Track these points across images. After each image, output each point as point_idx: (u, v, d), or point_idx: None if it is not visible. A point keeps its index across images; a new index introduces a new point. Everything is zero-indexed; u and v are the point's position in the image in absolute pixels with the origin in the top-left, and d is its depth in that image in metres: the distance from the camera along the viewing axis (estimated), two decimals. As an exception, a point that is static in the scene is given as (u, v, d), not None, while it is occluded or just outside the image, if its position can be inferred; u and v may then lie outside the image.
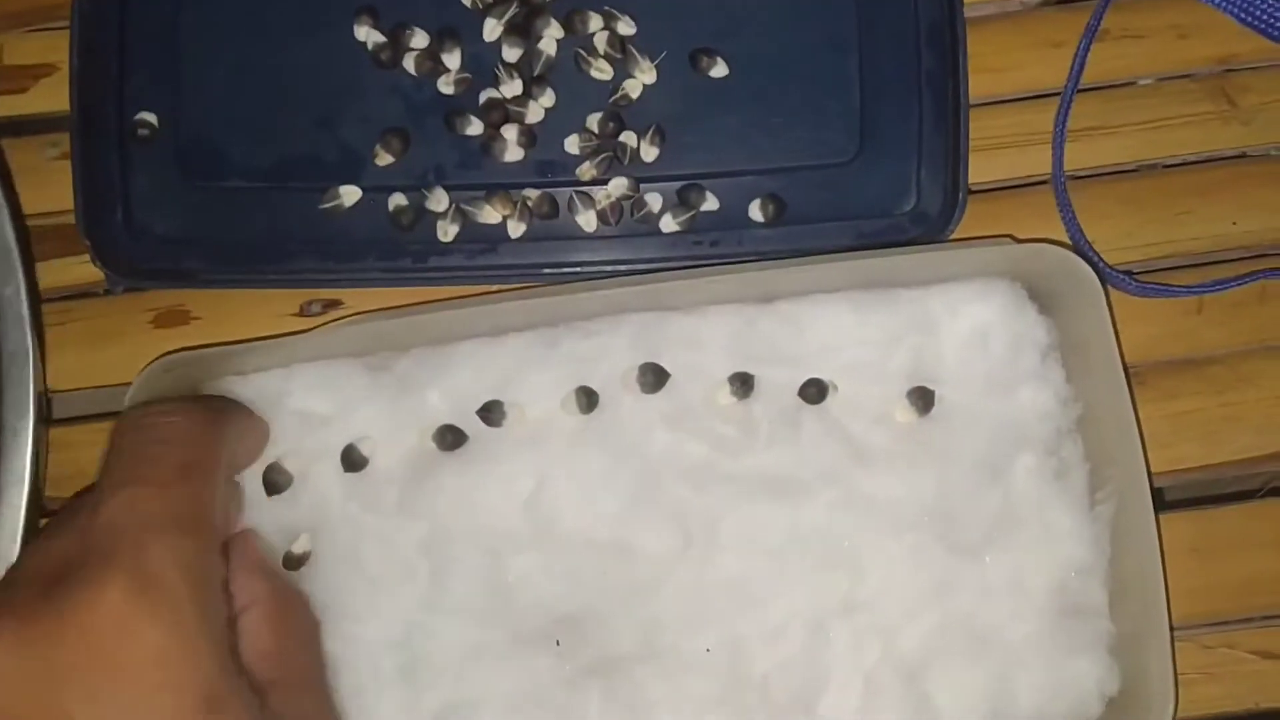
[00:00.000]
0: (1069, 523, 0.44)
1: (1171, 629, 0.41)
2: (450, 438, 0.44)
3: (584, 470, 0.44)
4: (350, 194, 0.47)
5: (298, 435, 0.44)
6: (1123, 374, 0.42)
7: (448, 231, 0.47)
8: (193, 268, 0.47)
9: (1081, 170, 0.49)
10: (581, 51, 0.48)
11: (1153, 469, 0.45)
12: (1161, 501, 0.47)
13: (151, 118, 0.48)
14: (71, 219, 0.47)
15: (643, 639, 0.43)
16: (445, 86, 0.48)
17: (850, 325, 0.44)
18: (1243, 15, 0.48)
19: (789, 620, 0.43)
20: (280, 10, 0.48)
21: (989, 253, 0.44)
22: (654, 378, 0.44)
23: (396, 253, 0.47)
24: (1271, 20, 0.48)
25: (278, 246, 0.47)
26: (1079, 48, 0.49)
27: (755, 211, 0.47)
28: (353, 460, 0.44)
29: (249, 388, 0.44)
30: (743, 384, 0.44)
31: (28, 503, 0.44)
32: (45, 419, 0.47)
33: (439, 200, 0.47)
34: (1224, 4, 0.49)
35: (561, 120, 0.48)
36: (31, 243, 0.48)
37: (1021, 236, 0.48)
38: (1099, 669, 0.43)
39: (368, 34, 0.48)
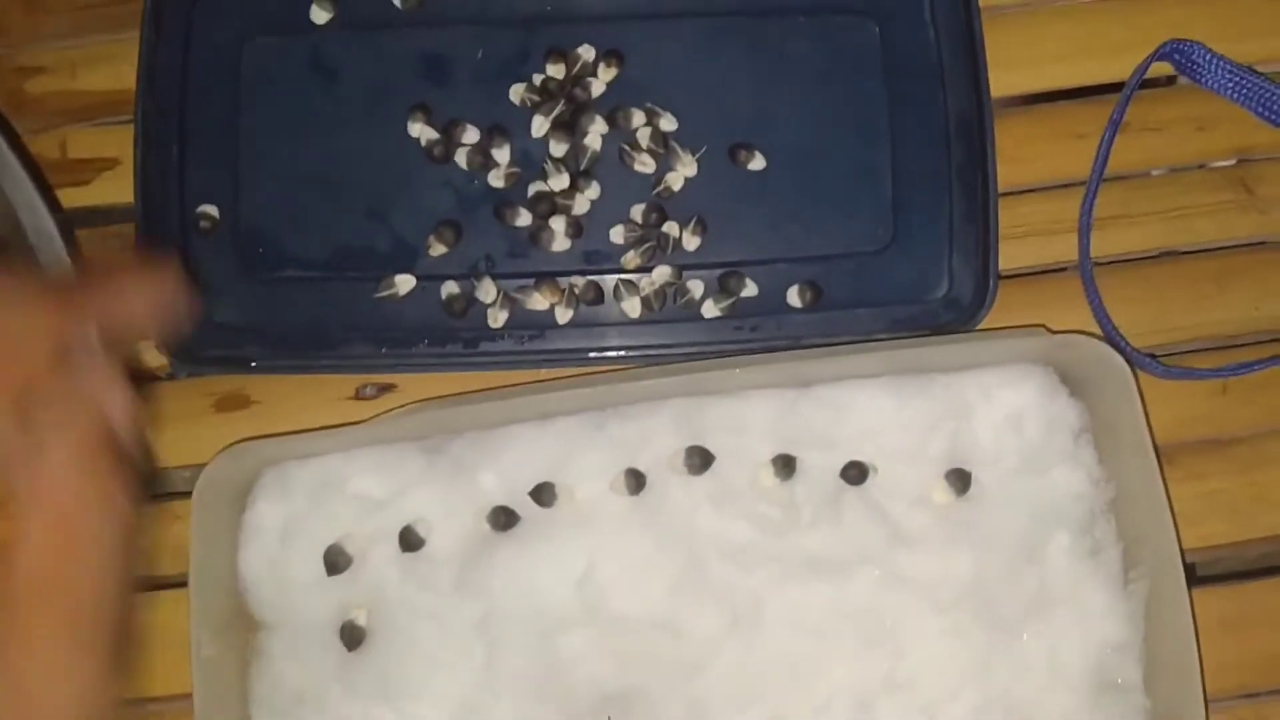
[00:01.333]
0: (1104, 601, 0.45)
1: (1207, 705, 0.43)
2: (504, 518, 0.46)
3: (633, 550, 0.46)
4: (405, 283, 0.49)
5: (358, 518, 0.46)
6: (1154, 458, 0.44)
7: (498, 318, 0.49)
8: (252, 355, 0.50)
9: (1106, 257, 0.51)
10: (625, 146, 0.50)
11: (1183, 545, 0.47)
12: (1193, 577, 0.48)
13: (213, 210, 0.50)
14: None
15: (691, 716, 0.45)
16: (495, 180, 0.50)
17: (889, 410, 0.46)
18: (1259, 109, 0.51)
19: (833, 698, 0.45)
20: (336, 107, 0.51)
21: (1024, 342, 0.46)
22: (700, 460, 0.46)
23: (448, 339, 0.50)
24: (1287, 115, 0.50)
25: (334, 334, 0.50)
26: (1103, 139, 0.51)
27: (793, 297, 0.50)
28: (410, 541, 0.46)
29: (310, 472, 0.46)
30: (785, 466, 0.46)
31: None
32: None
33: (488, 290, 0.49)
34: (1241, 99, 0.51)
35: (607, 211, 0.50)
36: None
37: (1049, 320, 0.50)
38: (1136, 744, 0.45)
39: (421, 130, 0.50)
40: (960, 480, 0.46)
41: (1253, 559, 0.50)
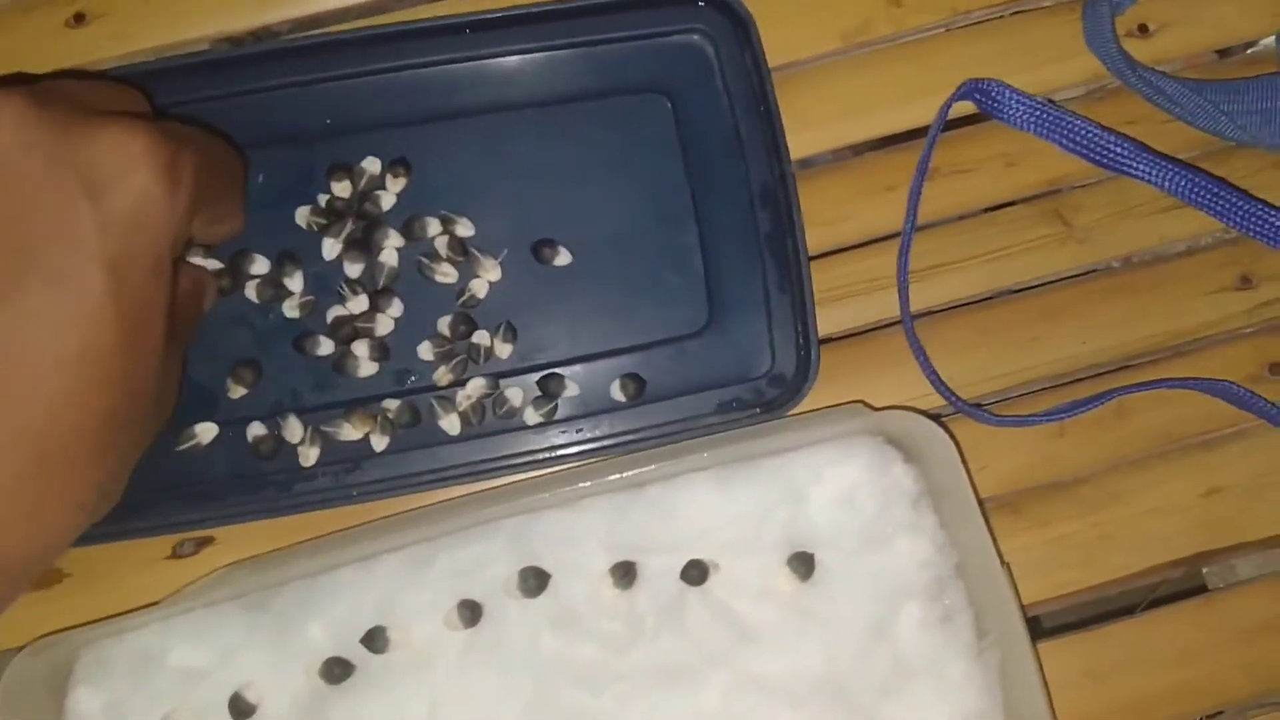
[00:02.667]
0: (960, 671, 0.45)
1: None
2: (337, 670, 0.45)
3: (475, 688, 0.45)
4: (207, 431, 0.48)
5: (182, 691, 0.45)
6: (985, 531, 0.44)
7: (309, 455, 0.48)
8: (55, 527, 0.48)
9: (929, 307, 0.51)
10: (424, 258, 0.50)
11: (1036, 597, 0.47)
12: (1044, 630, 0.49)
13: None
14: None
15: None
16: (290, 310, 0.49)
17: (721, 503, 0.46)
18: (1063, 141, 0.52)
19: (699, 813, 0.44)
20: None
21: (845, 423, 0.46)
22: (535, 581, 0.45)
23: (260, 484, 0.48)
24: (1089, 143, 0.51)
25: (138, 495, 0.48)
26: (912, 188, 0.51)
27: (616, 392, 0.49)
28: (240, 708, 0.45)
29: (127, 648, 0.45)
30: (625, 574, 0.46)
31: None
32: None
33: (294, 429, 0.48)
34: (1044, 132, 0.52)
35: (412, 328, 0.50)
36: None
37: (878, 379, 0.50)
38: (1009, 816, 0.45)
39: (205, 264, 0.49)
40: (803, 564, 0.46)
41: (1109, 600, 0.50)
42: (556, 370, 0.50)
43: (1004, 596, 0.44)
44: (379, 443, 0.49)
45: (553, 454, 0.49)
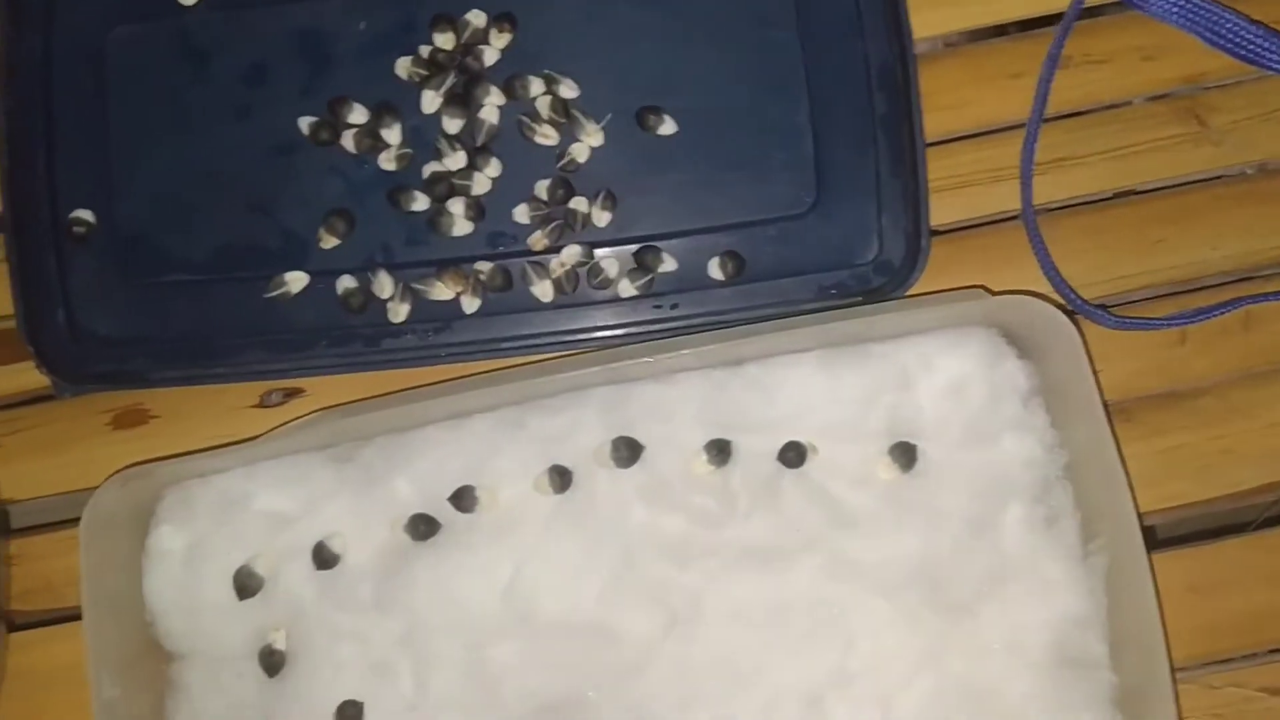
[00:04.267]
0: (1062, 574, 0.45)
1: (1174, 677, 0.43)
2: (423, 527, 0.45)
3: (561, 552, 0.45)
4: (297, 281, 0.49)
5: (267, 535, 0.45)
6: (1107, 426, 0.43)
7: (399, 312, 0.49)
8: (140, 369, 0.49)
9: (1050, 203, 0.51)
10: (525, 118, 0.49)
11: (1145, 508, 0.47)
12: (1154, 541, 0.48)
13: (87, 215, 0.49)
14: (14, 324, 0.49)
15: (633, 724, 0.44)
16: (387, 163, 0.49)
17: (825, 386, 0.46)
18: (1208, 35, 0.50)
19: (781, 695, 0.44)
20: (211, 95, 0.50)
21: (963, 306, 0.45)
22: (628, 452, 0.45)
23: (348, 338, 0.49)
24: (1237, 39, 0.50)
25: (225, 341, 0.49)
26: (1041, 77, 0.50)
27: (714, 270, 0.49)
28: (324, 558, 0.45)
29: (213, 491, 0.46)
30: (719, 452, 0.46)
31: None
32: (3, 530, 0.48)
33: (385, 285, 0.48)
34: (1188, 24, 0.50)
35: (509, 190, 0.50)
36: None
37: (992, 276, 0.49)
38: (1104, 722, 0.44)
39: (303, 113, 0.49)
40: (905, 455, 0.46)
41: (1220, 517, 0.50)
42: (654, 243, 0.49)
43: (1121, 498, 0.43)
44: (470, 304, 0.49)
45: (646, 328, 0.49)
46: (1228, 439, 0.49)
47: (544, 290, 0.49)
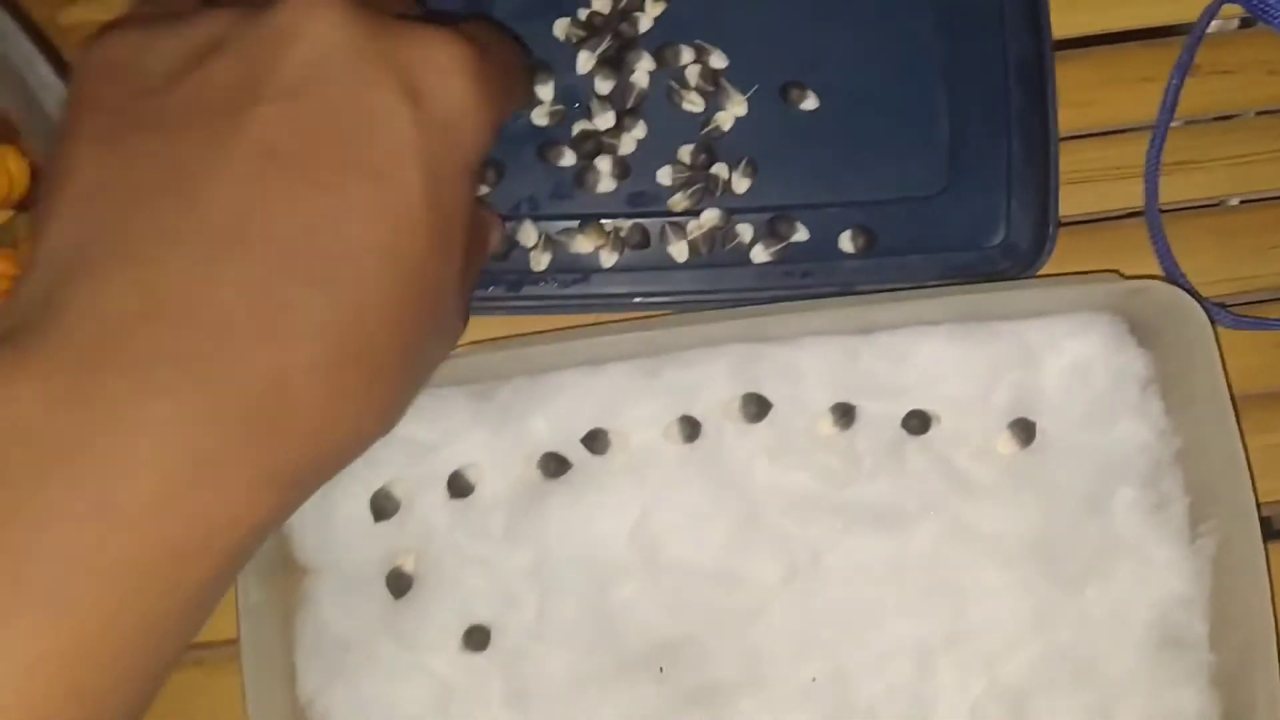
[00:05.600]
0: (1169, 555, 0.47)
1: (1280, 662, 0.45)
2: (555, 465, 0.48)
3: (687, 499, 0.47)
4: (446, 223, 0.51)
5: (405, 462, 0.47)
6: (1231, 409, 0.46)
7: (540, 261, 0.51)
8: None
9: (1171, 204, 0.53)
10: (674, 84, 0.52)
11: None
12: (1269, 531, 0.50)
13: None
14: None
15: (746, 668, 0.47)
16: (539, 118, 0.52)
17: (952, 358, 0.48)
18: (1332, 51, 0.53)
19: (894, 651, 0.47)
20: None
21: (1094, 289, 0.47)
22: (756, 408, 0.48)
23: (490, 281, 0.51)
24: (1361, 57, 0.52)
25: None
26: (1170, 82, 0.53)
27: (845, 243, 0.51)
28: (459, 487, 0.47)
29: (353, 415, 0.48)
30: (844, 415, 0.48)
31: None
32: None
33: (529, 234, 0.51)
34: (1313, 40, 0.53)
35: (654, 152, 0.52)
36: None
37: (1115, 268, 0.52)
38: (1200, 700, 0.47)
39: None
40: (1024, 431, 0.48)
41: (1316, 516, 0.52)
42: (789, 213, 0.52)
43: (1241, 483, 0.45)
44: (608, 259, 0.51)
45: (776, 294, 0.51)
46: (1332, 439, 0.51)
47: (680, 250, 0.51)
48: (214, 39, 0.34)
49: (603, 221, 0.51)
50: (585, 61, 0.52)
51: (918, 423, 0.48)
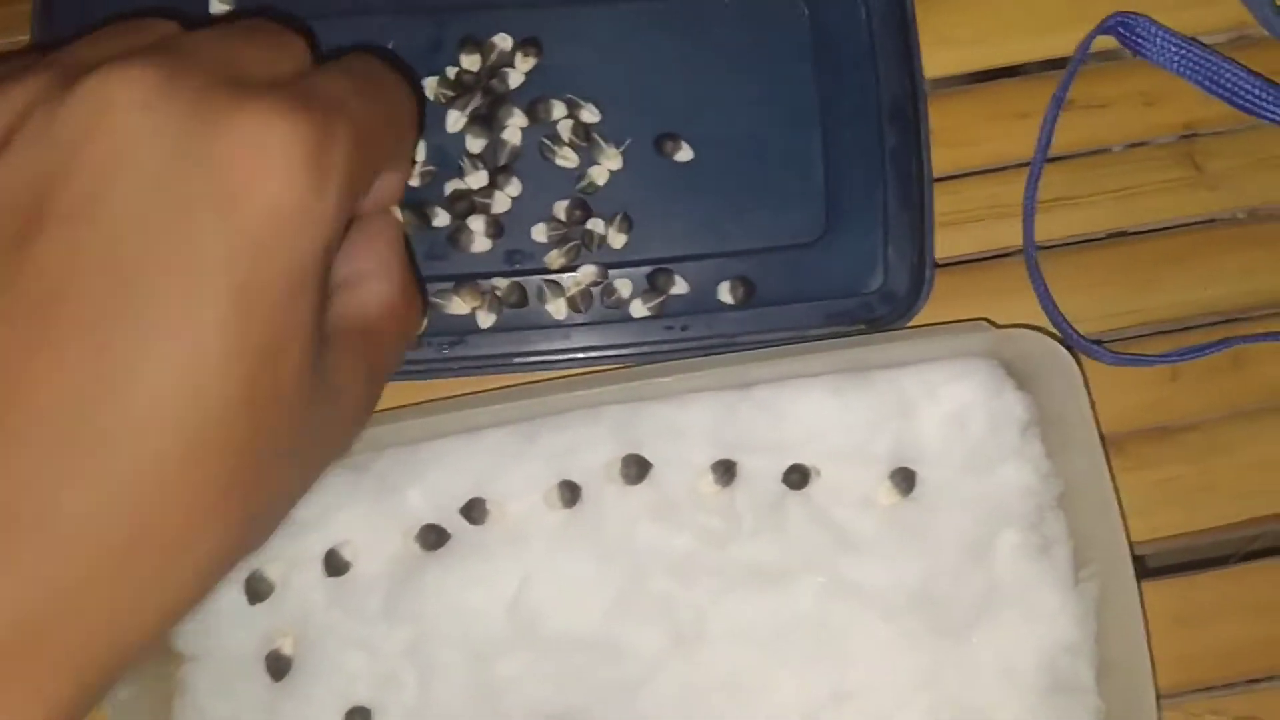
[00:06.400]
0: (1055, 601, 0.47)
1: (1159, 702, 0.45)
2: (433, 537, 0.47)
3: (569, 567, 0.47)
4: (317, 292, 0.50)
5: (279, 542, 0.47)
6: (1102, 457, 0.46)
7: (417, 325, 0.50)
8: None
9: (1051, 241, 0.53)
10: (546, 140, 0.52)
11: (1135, 538, 0.49)
12: (1144, 569, 0.51)
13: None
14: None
15: (636, 738, 0.46)
16: (410, 179, 0.51)
17: (831, 411, 0.48)
18: (1207, 84, 0.53)
19: (781, 713, 0.46)
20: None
21: (968, 338, 0.48)
22: (636, 469, 0.48)
23: (366, 349, 0.51)
24: (1235, 88, 0.52)
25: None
26: (1046, 118, 0.53)
27: (725, 294, 0.51)
28: (335, 565, 0.47)
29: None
30: (725, 471, 0.48)
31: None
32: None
33: (406, 295, 0.50)
34: (1187, 72, 0.53)
35: (528, 209, 0.52)
36: None
37: (994, 309, 0.52)
38: (1090, 745, 0.47)
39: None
40: (905, 480, 0.48)
41: (1205, 549, 0.52)
42: (667, 266, 0.51)
43: (1113, 527, 0.46)
44: (485, 319, 0.51)
45: (657, 348, 0.51)
46: (1214, 473, 0.52)
47: (558, 308, 0.51)
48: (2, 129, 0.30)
49: (479, 281, 0.51)
50: (455, 120, 0.52)
51: (798, 477, 0.48)
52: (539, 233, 0.51)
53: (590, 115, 0.51)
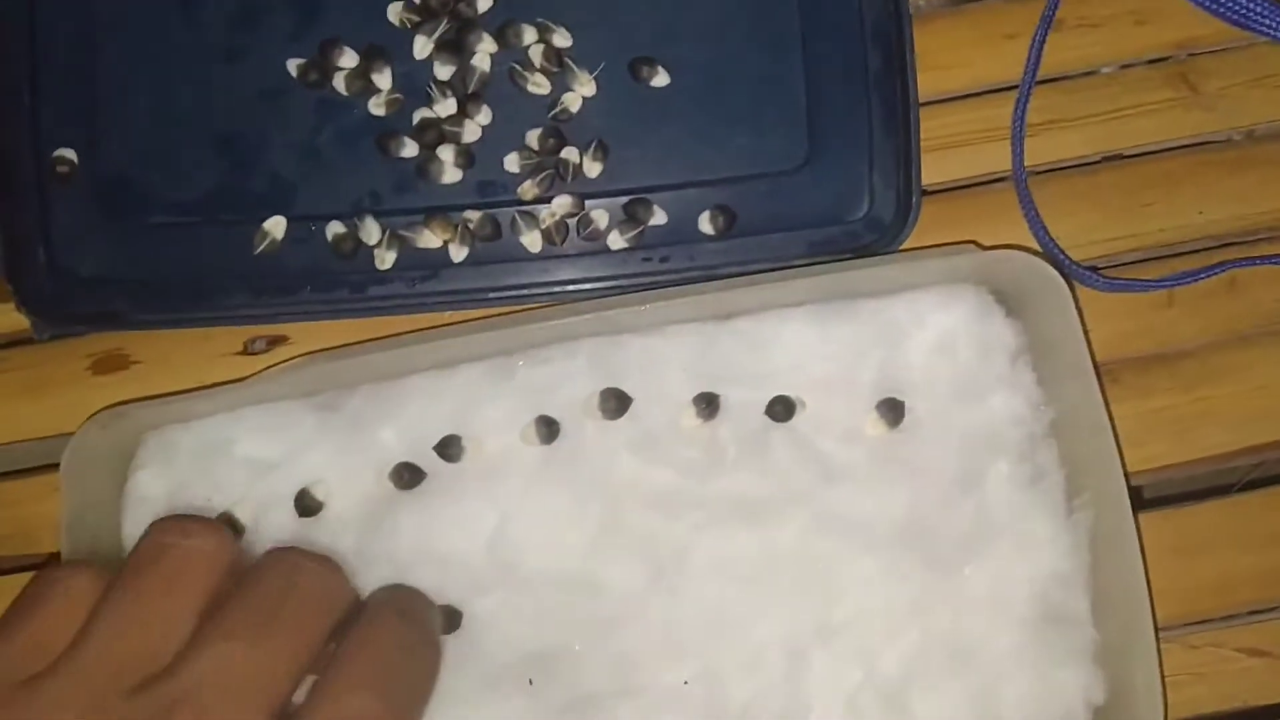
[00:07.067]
0: (1047, 530, 0.46)
1: (1157, 635, 0.44)
2: (408, 475, 0.46)
3: (547, 503, 0.46)
4: (276, 225, 0.49)
5: (248, 482, 0.46)
6: (1095, 382, 0.45)
7: (385, 259, 0.49)
8: (122, 310, 0.49)
9: (1041, 165, 0.52)
10: (517, 66, 0.50)
11: (1129, 468, 0.48)
12: (1140, 501, 0.50)
13: (70, 154, 0.49)
14: (-7, 263, 0.49)
15: (617, 675, 0.45)
16: (376, 108, 0.50)
17: (814, 340, 0.47)
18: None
19: (767, 648, 0.45)
20: (197, 33, 0.50)
21: (955, 261, 0.46)
22: (616, 403, 0.46)
23: (334, 284, 0.49)
24: (1231, 3, 0.51)
25: (209, 283, 0.49)
26: (1034, 38, 0.52)
27: (705, 224, 0.50)
28: (306, 505, 0.46)
29: (193, 436, 0.46)
30: (708, 405, 0.47)
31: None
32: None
33: (371, 231, 0.49)
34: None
35: (500, 138, 0.50)
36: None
37: (982, 236, 0.51)
38: (1084, 678, 0.46)
39: (292, 55, 0.50)
40: (892, 411, 0.47)
41: (1202, 478, 0.51)
42: (645, 196, 0.50)
43: (1108, 455, 0.44)
44: (458, 253, 0.49)
45: (635, 281, 0.50)
46: (1209, 401, 0.51)
47: (533, 240, 0.50)
48: None
49: (450, 214, 0.50)
50: (422, 46, 0.50)
51: (782, 409, 0.47)
52: (511, 162, 0.50)
53: (562, 40, 0.50)
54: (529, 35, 0.50)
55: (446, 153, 0.49)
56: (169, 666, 0.36)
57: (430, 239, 0.49)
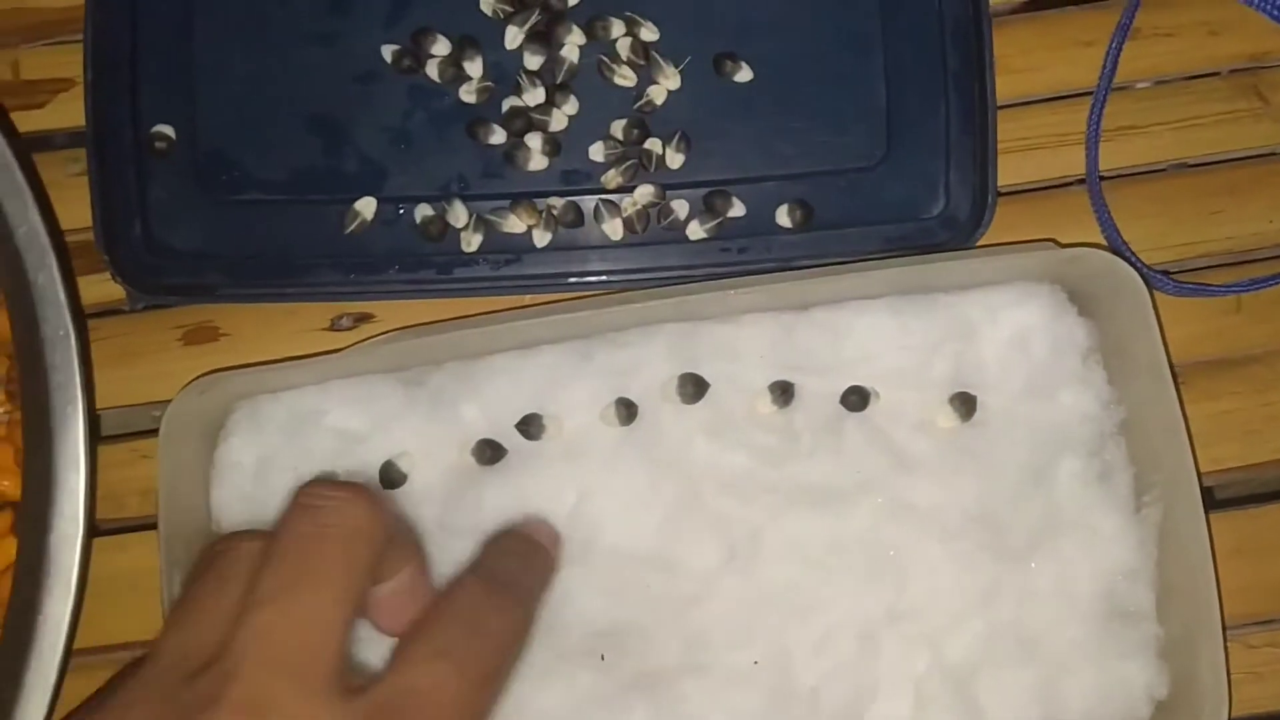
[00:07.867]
0: (1114, 526, 0.47)
1: (1225, 632, 0.45)
2: (489, 452, 0.47)
3: (625, 483, 0.47)
4: (368, 206, 0.51)
5: (335, 453, 0.47)
6: (1170, 378, 0.45)
7: (471, 242, 0.51)
8: (213, 283, 0.51)
9: (1113, 170, 0.53)
10: (604, 58, 0.51)
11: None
12: (1210, 501, 0.50)
13: (168, 130, 0.51)
14: (92, 236, 0.51)
15: (688, 652, 0.47)
16: (467, 95, 0.51)
17: (891, 332, 0.48)
18: (1275, 12, 0.53)
19: (836, 630, 0.46)
20: (296, 17, 0.52)
21: (1032, 258, 0.47)
22: (694, 388, 0.48)
23: (420, 265, 0.51)
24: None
25: (298, 260, 0.51)
26: (1110, 46, 0.53)
27: (783, 217, 0.51)
28: (391, 477, 0.47)
29: (283, 406, 0.47)
30: (783, 392, 0.48)
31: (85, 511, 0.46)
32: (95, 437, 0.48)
33: (459, 214, 0.50)
34: (1255, 1, 0.53)
35: (585, 128, 0.51)
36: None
37: (1055, 237, 0.52)
38: (1148, 672, 0.47)
39: (388, 40, 0.51)
40: (965, 404, 0.48)
41: (1268, 481, 0.52)
42: (725, 188, 0.51)
43: (1181, 453, 0.45)
44: (541, 238, 0.51)
45: (713, 271, 0.51)
46: (1276, 406, 0.52)
47: (614, 228, 0.51)
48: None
49: (535, 200, 0.51)
50: (513, 36, 0.51)
51: (857, 399, 0.48)
52: (596, 152, 0.51)
53: (649, 33, 0.51)
54: (617, 29, 0.51)
55: (534, 140, 0.51)
56: (216, 649, 0.36)
57: (515, 224, 0.50)
